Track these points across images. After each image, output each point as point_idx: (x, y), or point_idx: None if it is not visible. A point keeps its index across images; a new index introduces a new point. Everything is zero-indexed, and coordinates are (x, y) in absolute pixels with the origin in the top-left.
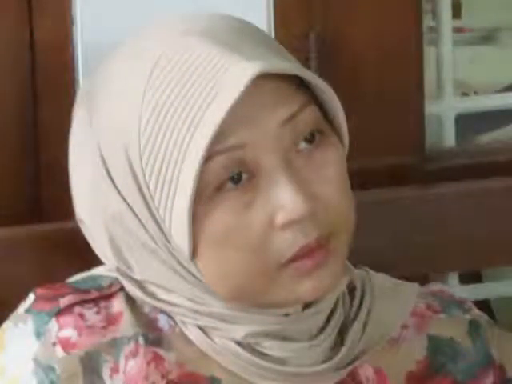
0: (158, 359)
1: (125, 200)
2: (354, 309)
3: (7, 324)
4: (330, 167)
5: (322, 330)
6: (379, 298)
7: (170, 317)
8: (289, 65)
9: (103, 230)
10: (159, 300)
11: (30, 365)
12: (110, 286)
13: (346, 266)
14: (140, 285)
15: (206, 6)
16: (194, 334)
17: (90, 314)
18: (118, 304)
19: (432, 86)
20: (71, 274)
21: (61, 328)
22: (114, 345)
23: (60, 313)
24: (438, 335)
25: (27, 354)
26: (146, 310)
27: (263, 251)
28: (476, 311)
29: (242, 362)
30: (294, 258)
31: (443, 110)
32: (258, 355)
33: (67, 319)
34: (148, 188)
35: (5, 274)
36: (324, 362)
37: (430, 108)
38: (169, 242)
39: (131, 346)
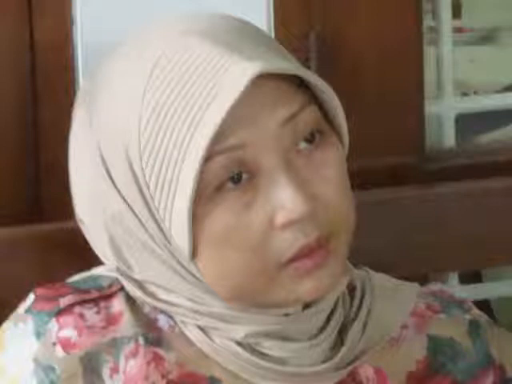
0: (157, 359)
1: (125, 200)
2: (354, 309)
3: (7, 324)
4: (330, 167)
5: (322, 329)
6: (379, 298)
7: (170, 317)
8: (289, 65)
9: (103, 230)
10: (159, 300)
11: (30, 365)
12: (110, 286)
13: (346, 266)
14: (140, 285)
15: (206, 6)
16: (194, 334)
17: (90, 314)
18: (118, 304)
19: (432, 86)
20: (71, 274)
21: (61, 328)
22: (114, 345)
23: (60, 313)
24: (438, 335)
25: (27, 354)
26: (146, 310)
27: (263, 251)
28: (476, 311)
29: (242, 362)
30: (294, 258)
31: (443, 110)
32: (258, 355)
33: (67, 319)
34: (148, 188)
35: (5, 274)
36: (324, 362)
37: (430, 108)
38: (169, 242)
39: (131, 346)
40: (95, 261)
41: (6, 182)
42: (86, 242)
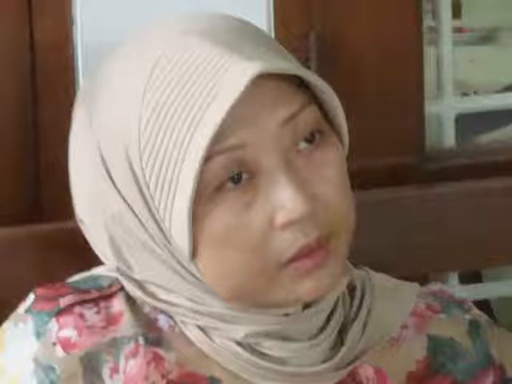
0: (157, 359)
1: (125, 200)
2: (354, 309)
3: (7, 324)
4: (330, 167)
5: (321, 329)
6: (379, 298)
7: (170, 317)
8: (289, 65)
9: (103, 230)
10: (159, 300)
11: (30, 365)
12: (110, 286)
13: (346, 266)
14: (140, 285)
15: (206, 6)
16: (194, 334)
17: (90, 314)
18: (118, 304)
19: (432, 86)
20: (71, 274)
21: (61, 328)
22: (114, 345)
23: (60, 313)
24: (438, 335)
25: (27, 354)
26: (146, 310)
27: (263, 251)
28: (476, 311)
29: (242, 362)
30: (294, 258)
31: (443, 110)
32: (258, 355)
33: (67, 319)
34: (148, 188)
35: (5, 274)
36: (324, 362)
37: (430, 108)
38: (169, 242)
39: (131, 346)
40: (95, 261)
41: (5, 182)
42: (86, 242)
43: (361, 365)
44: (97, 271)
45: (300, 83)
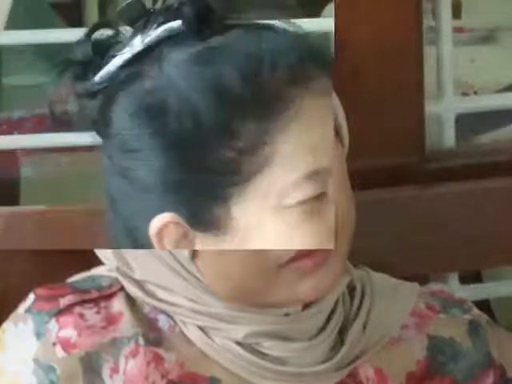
0: (158, 359)
1: None
2: (354, 309)
3: (7, 324)
4: None
5: (321, 329)
6: (379, 298)
7: (169, 317)
8: None
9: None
10: (159, 300)
11: (30, 365)
12: (110, 286)
13: (346, 266)
14: (140, 285)
15: None
16: (194, 334)
17: (90, 314)
18: (118, 304)
19: (432, 86)
20: (71, 274)
21: (61, 328)
22: (114, 345)
23: (60, 313)
24: (438, 335)
25: (27, 354)
26: (146, 310)
27: (263, 251)
28: (476, 311)
29: (242, 362)
30: (294, 258)
31: (443, 110)
32: (258, 355)
33: (67, 319)
34: None
35: (5, 274)
36: (324, 362)
37: (430, 108)
38: None
39: (131, 346)
40: (95, 261)
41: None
42: None
43: (361, 365)
44: (97, 271)
45: None
